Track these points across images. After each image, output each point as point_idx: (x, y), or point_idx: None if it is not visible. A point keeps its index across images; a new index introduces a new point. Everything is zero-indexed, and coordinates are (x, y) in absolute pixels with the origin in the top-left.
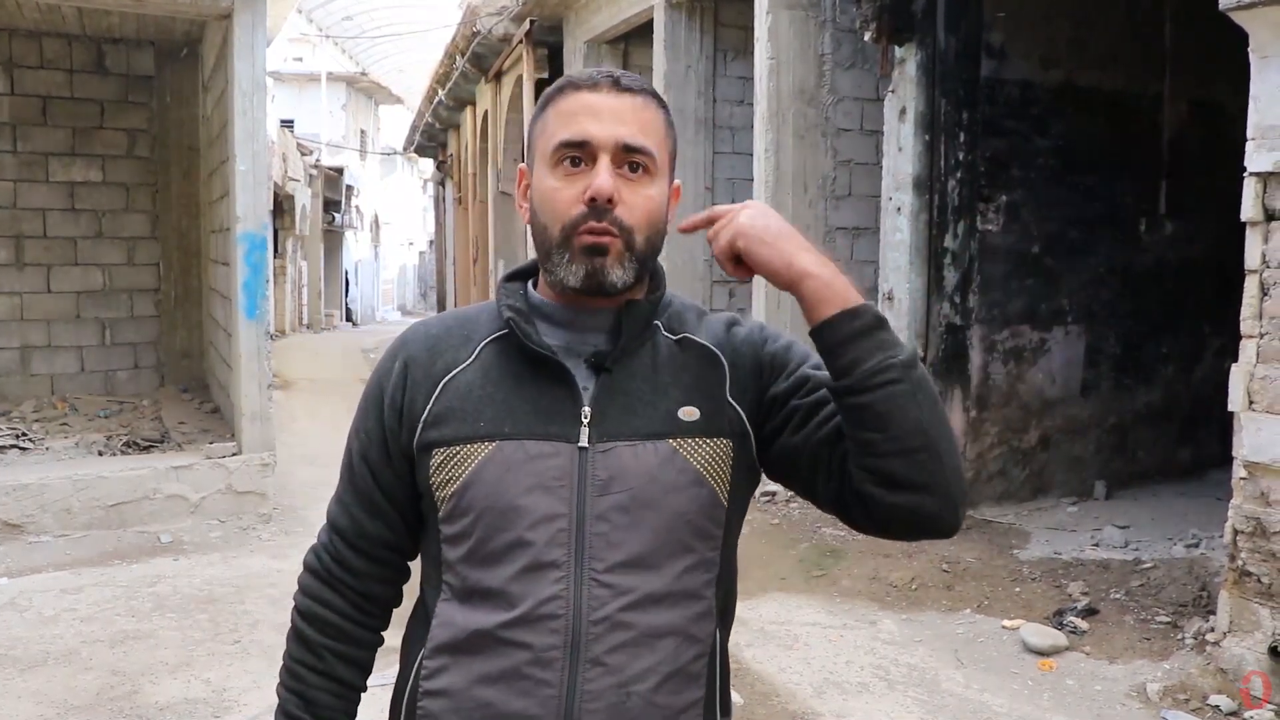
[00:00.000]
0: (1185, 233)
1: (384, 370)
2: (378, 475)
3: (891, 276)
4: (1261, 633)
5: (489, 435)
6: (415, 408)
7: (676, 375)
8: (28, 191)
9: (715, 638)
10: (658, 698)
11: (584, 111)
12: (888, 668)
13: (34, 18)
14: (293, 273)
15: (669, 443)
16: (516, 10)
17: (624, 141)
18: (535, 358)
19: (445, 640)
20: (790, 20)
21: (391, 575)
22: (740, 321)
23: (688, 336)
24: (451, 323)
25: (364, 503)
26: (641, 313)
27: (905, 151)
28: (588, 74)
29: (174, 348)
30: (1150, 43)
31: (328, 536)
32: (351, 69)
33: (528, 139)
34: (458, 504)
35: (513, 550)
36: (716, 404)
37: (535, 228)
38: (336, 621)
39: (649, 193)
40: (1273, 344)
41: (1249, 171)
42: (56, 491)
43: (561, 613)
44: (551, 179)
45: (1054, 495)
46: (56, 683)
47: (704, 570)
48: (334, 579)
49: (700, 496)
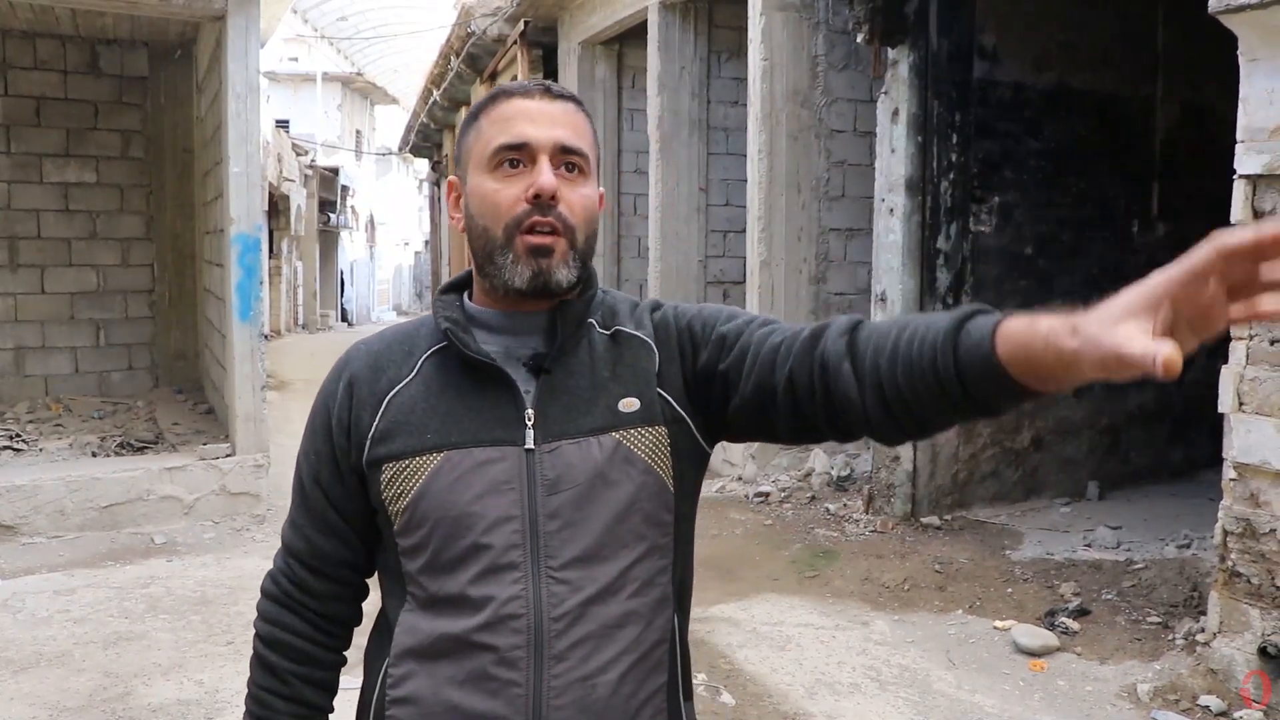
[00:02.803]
0: (1177, 234)
1: (329, 391)
2: (330, 495)
3: (884, 278)
4: (1251, 633)
5: (436, 446)
6: (362, 425)
7: (613, 369)
8: (21, 192)
9: (674, 623)
10: (622, 687)
11: (520, 116)
12: (879, 668)
13: (27, 19)
14: (288, 273)
15: (613, 435)
16: (511, 11)
17: (562, 143)
18: (475, 366)
19: (410, 646)
20: (784, 22)
21: (351, 594)
22: (660, 305)
23: (620, 329)
24: (391, 339)
25: (318, 523)
26: (575, 312)
27: (898, 153)
28: (518, 84)
29: (168, 349)
30: (1142, 45)
31: (284, 561)
32: (347, 69)
33: (458, 150)
34: (412, 516)
35: (470, 556)
36: (653, 391)
37: (473, 232)
38: (299, 645)
39: (585, 191)
40: (1261, 345)
41: (1238, 174)
42: (50, 493)
43: (522, 612)
44: (491, 181)
45: (1046, 496)
46: (49, 684)
47: (658, 557)
48: (294, 602)
49: (648, 484)
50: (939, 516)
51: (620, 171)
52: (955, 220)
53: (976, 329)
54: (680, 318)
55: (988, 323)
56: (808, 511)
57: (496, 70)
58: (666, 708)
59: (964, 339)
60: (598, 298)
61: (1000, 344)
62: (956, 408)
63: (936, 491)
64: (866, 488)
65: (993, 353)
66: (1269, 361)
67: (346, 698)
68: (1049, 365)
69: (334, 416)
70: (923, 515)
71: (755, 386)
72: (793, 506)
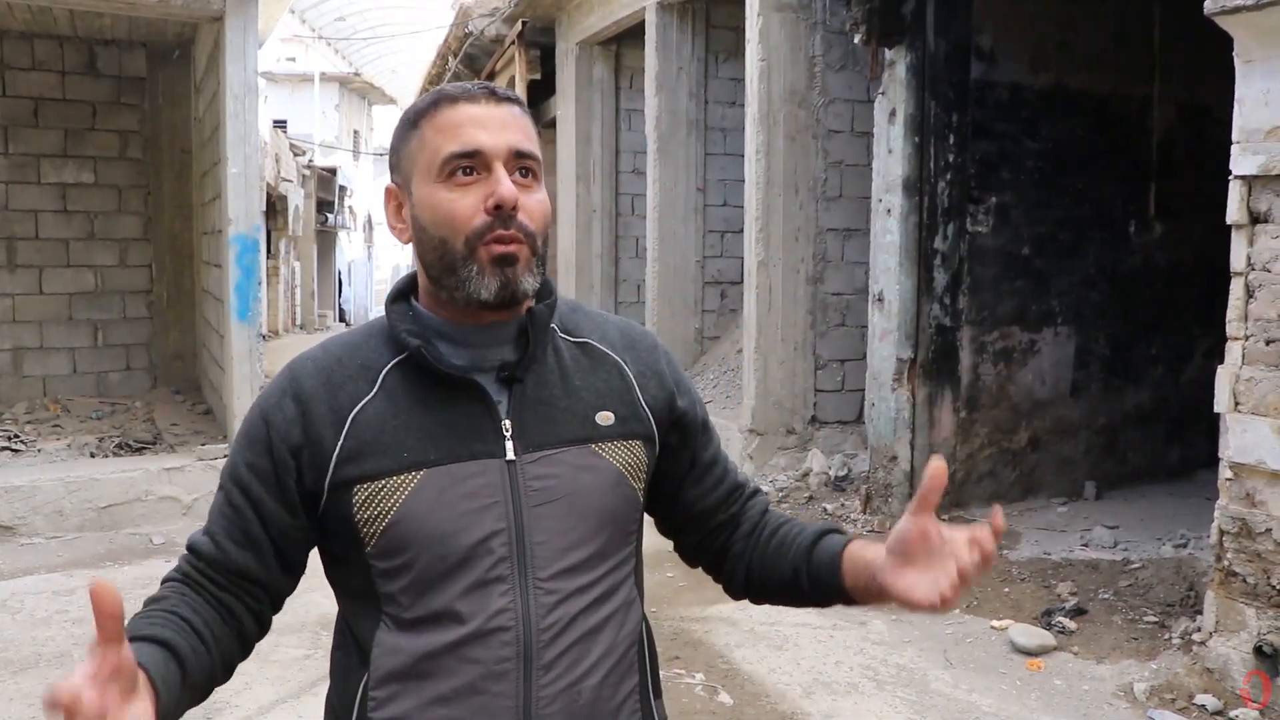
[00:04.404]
0: (1174, 235)
1: (270, 406)
2: (259, 508)
3: (881, 278)
4: (1247, 632)
5: (414, 465)
6: (322, 445)
7: (586, 380)
8: (19, 193)
9: (642, 626)
10: (603, 691)
11: (469, 122)
12: (877, 668)
13: (25, 19)
14: (286, 273)
15: (590, 447)
16: (509, 12)
17: (515, 148)
18: (443, 379)
19: (393, 668)
20: (781, 22)
21: (252, 605)
22: (632, 327)
23: (589, 342)
24: (340, 352)
25: (237, 535)
26: (544, 320)
27: (895, 153)
28: (460, 87)
29: (166, 349)
30: (1139, 46)
31: (185, 562)
32: (345, 69)
33: (397, 158)
34: (392, 538)
35: (457, 572)
36: (629, 408)
37: (426, 245)
38: (196, 601)
39: (540, 197)
40: (1258, 346)
41: (1234, 175)
42: (48, 493)
43: (511, 624)
44: (444, 191)
45: (1043, 496)
46: (48, 684)
47: (628, 563)
48: (194, 583)
49: (622, 495)
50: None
51: (618, 172)
52: (952, 221)
53: (825, 550)
54: (664, 354)
55: (836, 544)
56: (805, 511)
57: (494, 70)
58: (640, 707)
59: (815, 557)
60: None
61: (844, 570)
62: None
63: None
64: (864, 488)
65: (838, 574)
66: (1265, 362)
67: None
68: (872, 595)
69: (277, 432)
70: None
71: (693, 499)
72: (790, 506)
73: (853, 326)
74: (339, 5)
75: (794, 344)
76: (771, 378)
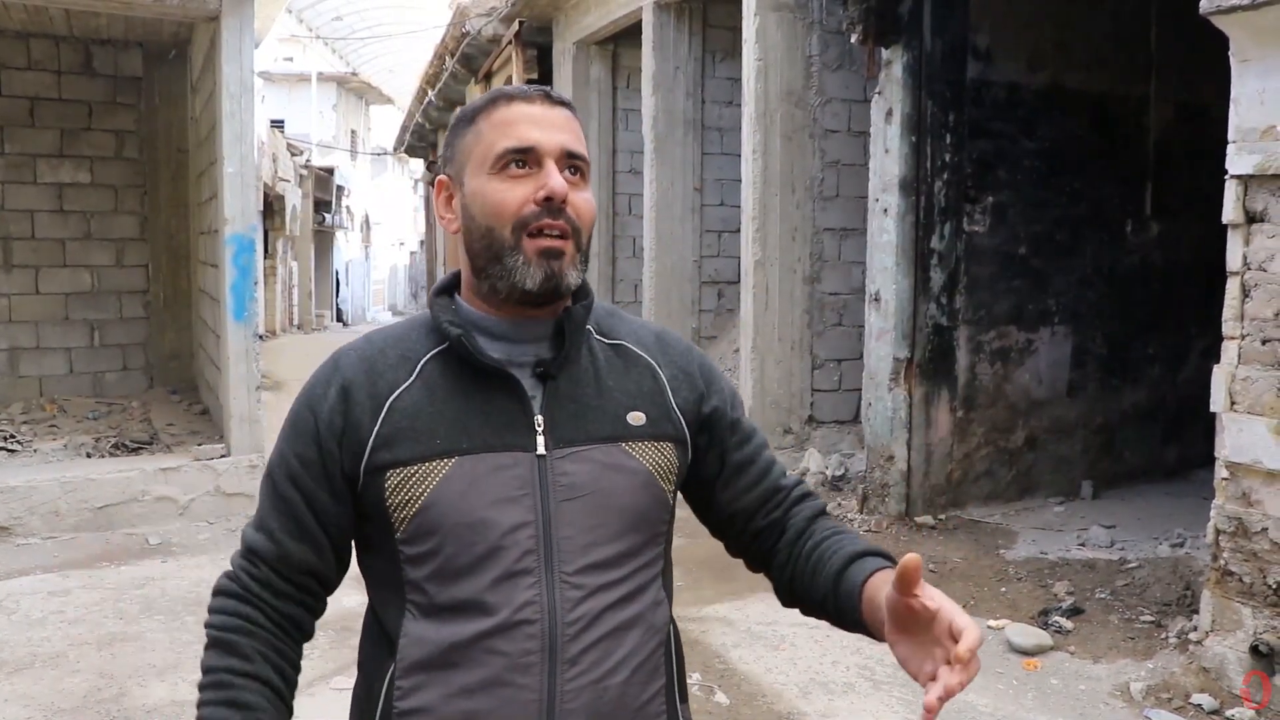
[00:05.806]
0: (1171, 234)
1: (316, 395)
2: (311, 500)
3: (878, 277)
4: (1243, 632)
5: (446, 452)
6: (360, 431)
7: (619, 381)
8: (15, 193)
9: (670, 627)
10: (629, 689)
11: (524, 120)
12: (873, 668)
13: (21, 19)
14: (283, 273)
15: (621, 446)
16: (506, 11)
17: (567, 148)
18: (481, 371)
19: (419, 658)
20: (778, 22)
21: (311, 604)
22: (667, 332)
23: (623, 344)
24: (382, 343)
25: (291, 528)
26: (581, 319)
27: (892, 153)
28: (518, 88)
29: (163, 349)
30: (1136, 45)
31: (245, 560)
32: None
33: (450, 151)
34: (421, 523)
35: (484, 562)
36: (661, 410)
37: (474, 234)
38: (264, 635)
39: (587, 196)
40: (1254, 345)
41: (1230, 174)
42: (44, 493)
43: (537, 618)
44: (496, 182)
45: (1040, 495)
46: (44, 685)
47: (656, 563)
48: (255, 597)
49: (652, 495)
50: (933, 516)
51: (615, 171)
52: (949, 220)
53: (850, 581)
54: (696, 355)
55: (858, 576)
56: None
57: (491, 70)
58: (666, 709)
59: (841, 586)
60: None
61: (864, 609)
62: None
63: (931, 491)
64: (861, 487)
65: (859, 610)
66: (1260, 361)
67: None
68: (878, 632)
69: (322, 421)
70: (917, 515)
71: (725, 501)
72: None
73: (850, 326)
74: (336, 5)
75: (791, 343)
76: (768, 377)
